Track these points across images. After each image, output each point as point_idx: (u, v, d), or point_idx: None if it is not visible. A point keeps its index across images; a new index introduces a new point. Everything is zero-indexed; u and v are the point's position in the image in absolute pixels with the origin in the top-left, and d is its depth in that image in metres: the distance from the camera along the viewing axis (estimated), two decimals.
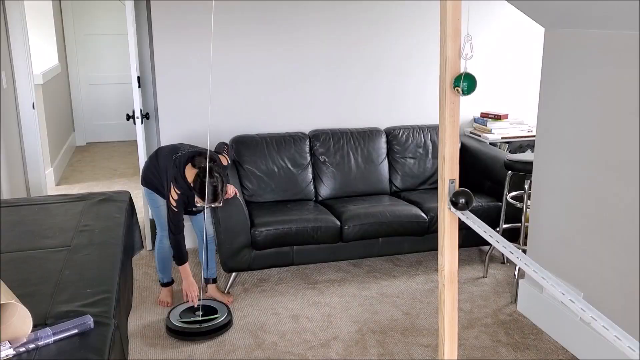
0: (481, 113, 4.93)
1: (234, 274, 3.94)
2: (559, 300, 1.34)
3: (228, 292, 3.87)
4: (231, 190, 3.59)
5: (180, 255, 3.47)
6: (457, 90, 1.67)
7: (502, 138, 4.78)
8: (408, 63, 4.76)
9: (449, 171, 1.79)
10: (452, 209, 1.78)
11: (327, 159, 4.44)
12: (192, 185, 3.23)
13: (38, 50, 6.63)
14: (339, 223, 3.91)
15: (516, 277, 3.79)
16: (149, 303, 3.75)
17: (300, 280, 4.08)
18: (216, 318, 3.42)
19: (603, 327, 1.28)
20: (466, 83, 1.66)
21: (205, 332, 3.34)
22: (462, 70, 1.68)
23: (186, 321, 3.39)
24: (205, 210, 3.59)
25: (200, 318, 3.42)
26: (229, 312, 3.50)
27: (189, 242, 4.53)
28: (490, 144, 4.75)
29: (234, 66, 4.43)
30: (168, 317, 3.45)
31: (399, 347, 3.26)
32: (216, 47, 4.36)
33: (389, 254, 4.11)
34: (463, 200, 1.75)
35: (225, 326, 3.41)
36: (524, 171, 3.75)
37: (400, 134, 4.62)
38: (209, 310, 3.50)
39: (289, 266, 4.06)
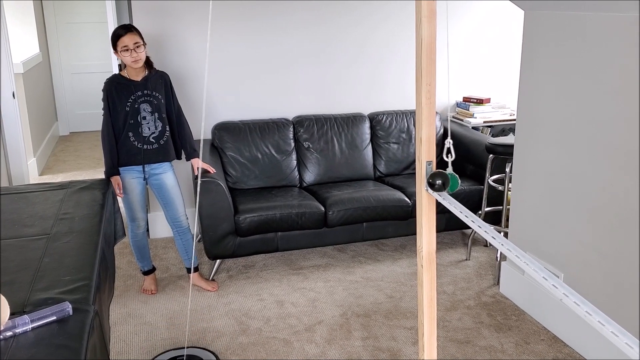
0: (463, 97, 4.94)
1: (218, 261, 3.94)
2: (531, 276, 1.36)
3: (213, 280, 3.87)
4: (210, 168, 3.73)
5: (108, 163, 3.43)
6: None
7: (485, 122, 4.80)
8: (390, 48, 4.75)
9: (425, 153, 1.79)
10: (429, 190, 1.79)
11: (311, 145, 4.44)
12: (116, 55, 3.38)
13: (18, 39, 6.54)
14: (323, 209, 3.91)
15: (498, 259, 3.82)
16: (133, 291, 3.75)
17: (285, 266, 4.09)
18: None
19: (574, 304, 1.29)
20: (453, 183, 1.74)
21: None
22: (448, 171, 1.75)
23: None
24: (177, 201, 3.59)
25: None
26: None
27: (165, 232, 4.53)
28: (473, 128, 4.77)
29: (216, 54, 4.40)
30: None
31: (383, 330, 3.29)
32: (197, 35, 4.33)
33: (373, 238, 4.13)
34: (440, 181, 1.76)
35: None
36: (505, 154, 3.77)
37: (384, 120, 4.63)
38: None
39: (273, 252, 4.07)
